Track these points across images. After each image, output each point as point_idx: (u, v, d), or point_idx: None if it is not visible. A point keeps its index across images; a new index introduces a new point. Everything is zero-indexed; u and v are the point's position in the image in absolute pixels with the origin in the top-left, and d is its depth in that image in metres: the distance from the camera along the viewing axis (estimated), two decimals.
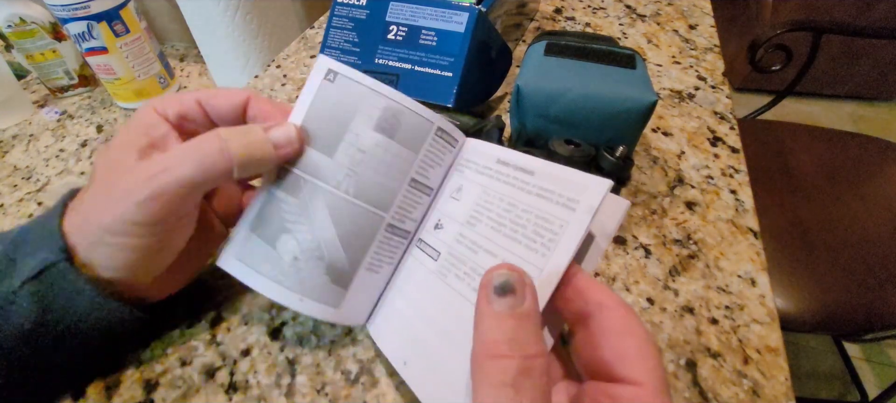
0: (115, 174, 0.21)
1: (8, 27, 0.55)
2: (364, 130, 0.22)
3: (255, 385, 0.25)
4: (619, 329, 0.17)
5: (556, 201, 0.20)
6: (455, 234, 0.23)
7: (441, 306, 0.22)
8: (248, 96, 0.24)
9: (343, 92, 0.23)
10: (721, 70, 0.48)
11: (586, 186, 0.19)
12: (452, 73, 0.38)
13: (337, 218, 0.23)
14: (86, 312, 0.21)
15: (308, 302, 0.23)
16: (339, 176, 0.22)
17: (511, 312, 0.17)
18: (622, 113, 0.31)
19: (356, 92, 0.23)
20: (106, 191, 0.21)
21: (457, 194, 0.24)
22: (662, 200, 0.35)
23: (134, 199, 0.20)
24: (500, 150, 0.23)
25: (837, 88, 1.69)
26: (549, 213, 0.20)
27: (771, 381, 0.25)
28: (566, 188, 0.20)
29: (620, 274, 0.30)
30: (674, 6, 0.60)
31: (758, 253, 0.31)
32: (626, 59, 0.33)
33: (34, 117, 0.59)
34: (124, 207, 0.20)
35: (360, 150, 0.22)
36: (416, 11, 0.40)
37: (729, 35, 1.70)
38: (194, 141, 0.21)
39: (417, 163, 0.24)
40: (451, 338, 0.21)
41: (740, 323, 0.27)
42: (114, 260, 0.21)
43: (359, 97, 0.23)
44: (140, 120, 0.22)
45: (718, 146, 0.39)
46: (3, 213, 0.45)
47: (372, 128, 0.23)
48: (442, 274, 0.22)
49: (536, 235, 0.19)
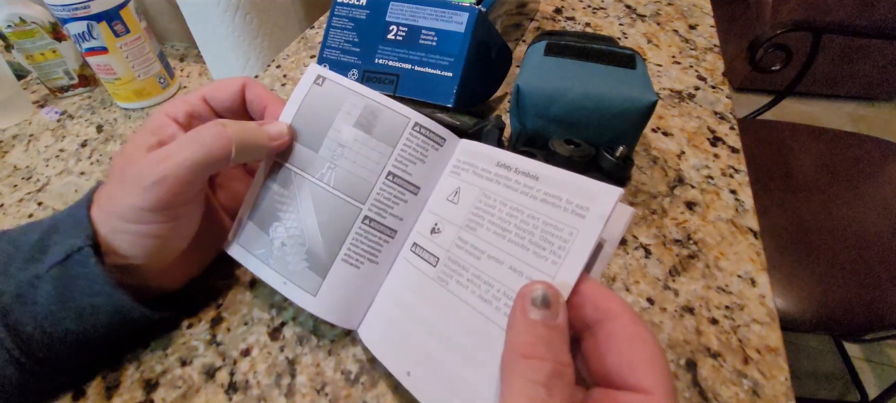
0: (127, 167, 0.22)
1: (8, 27, 0.55)
2: (344, 126, 0.25)
3: (255, 385, 0.25)
4: (628, 336, 0.17)
5: (564, 208, 0.19)
6: (454, 239, 0.22)
7: (444, 313, 0.21)
8: (244, 81, 0.26)
9: (329, 94, 0.25)
10: (721, 70, 0.48)
11: (596, 194, 0.19)
12: (452, 73, 0.38)
13: (318, 207, 0.25)
14: (100, 301, 0.22)
15: (290, 286, 0.25)
16: (322, 168, 0.25)
17: (546, 322, 0.17)
18: (622, 113, 0.31)
19: (340, 94, 0.25)
20: (119, 182, 0.23)
21: (454, 197, 0.24)
22: (662, 200, 0.35)
23: (142, 185, 0.21)
24: (500, 153, 0.23)
25: (837, 88, 1.69)
26: (557, 220, 0.19)
27: (771, 381, 0.25)
28: (575, 194, 0.19)
29: (620, 274, 0.30)
30: (674, 6, 0.60)
31: (758, 253, 0.31)
32: (626, 59, 0.33)
33: (34, 117, 0.59)
34: (133, 194, 0.21)
35: (340, 144, 0.25)
36: (416, 11, 0.40)
37: (729, 35, 1.70)
38: (195, 129, 0.23)
39: (394, 155, 0.24)
40: (458, 346, 0.20)
41: (740, 323, 0.27)
42: (132, 247, 0.23)
43: (342, 98, 0.25)
44: (151, 122, 0.24)
45: (718, 146, 0.39)
46: (3, 213, 0.45)
47: (351, 124, 0.25)
48: (442, 281, 0.22)
49: (545, 242, 0.19)
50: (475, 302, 0.20)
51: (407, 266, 0.24)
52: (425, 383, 0.21)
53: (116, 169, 0.23)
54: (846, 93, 1.71)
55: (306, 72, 0.26)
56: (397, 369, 0.22)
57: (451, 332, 0.21)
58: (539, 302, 0.17)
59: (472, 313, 0.20)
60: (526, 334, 0.17)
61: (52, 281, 0.22)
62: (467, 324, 0.20)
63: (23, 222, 0.47)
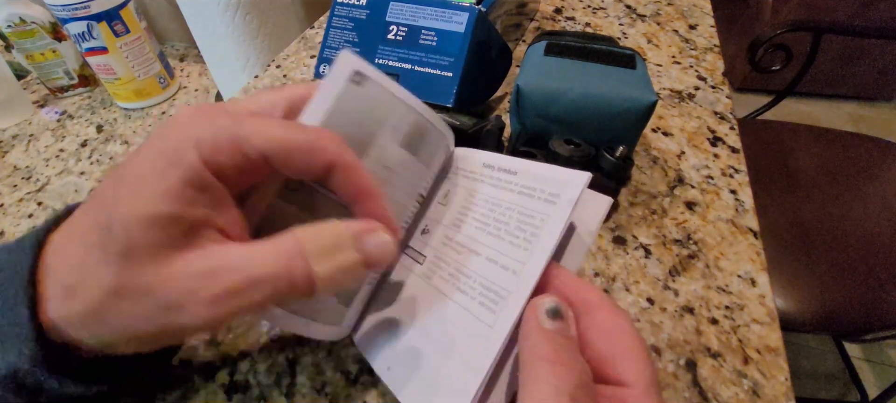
0: (137, 266, 0.15)
1: (8, 27, 0.55)
2: (391, 145, 0.21)
3: (255, 385, 0.25)
4: (607, 328, 0.17)
5: (538, 197, 0.20)
6: (441, 237, 0.23)
7: (425, 308, 0.22)
8: (333, 162, 0.17)
9: (371, 98, 0.20)
10: (721, 70, 0.48)
11: (567, 181, 0.19)
12: (452, 73, 0.38)
13: None
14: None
15: (314, 326, 0.21)
16: None
17: (562, 334, 0.16)
18: (622, 113, 0.31)
19: (386, 101, 0.20)
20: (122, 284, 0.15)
21: (444, 200, 0.24)
22: (662, 200, 0.35)
23: (183, 322, 0.15)
24: (487, 155, 0.24)
25: (837, 88, 1.69)
26: (531, 209, 0.20)
27: (771, 381, 0.25)
28: (547, 184, 0.20)
29: (620, 274, 0.30)
30: (674, 6, 0.60)
31: (758, 253, 0.31)
32: (626, 59, 0.33)
33: (34, 117, 0.59)
34: (165, 324, 0.15)
35: (385, 167, 0.21)
36: (416, 11, 0.40)
37: (729, 35, 1.70)
38: (268, 252, 0.16)
39: (427, 178, 0.23)
40: (435, 339, 0.20)
41: (740, 323, 0.27)
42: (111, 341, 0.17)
43: (389, 107, 0.20)
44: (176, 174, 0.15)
45: (718, 146, 0.39)
46: (3, 213, 0.45)
47: (398, 143, 0.21)
48: (427, 277, 0.22)
49: (519, 231, 0.20)
50: (454, 293, 0.21)
51: (399, 267, 0.24)
52: (403, 376, 0.21)
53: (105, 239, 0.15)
54: (846, 93, 1.71)
55: (338, 62, 0.19)
56: (379, 365, 0.22)
57: (429, 325, 0.21)
58: (552, 313, 0.17)
59: (450, 304, 0.20)
60: (545, 344, 0.16)
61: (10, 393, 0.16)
62: (445, 316, 0.20)
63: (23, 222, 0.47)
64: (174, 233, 0.15)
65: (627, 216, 0.34)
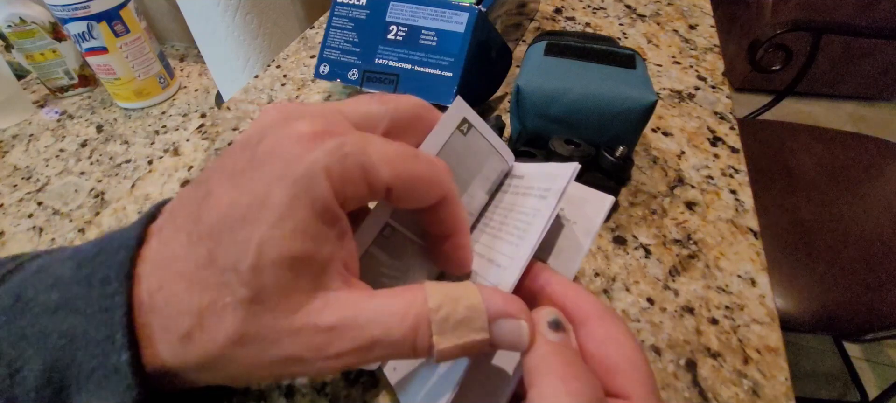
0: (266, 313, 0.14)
1: (8, 27, 0.55)
2: (479, 193, 0.22)
3: (254, 385, 0.25)
4: (603, 339, 0.16)
5: (534, 194, 0.20)
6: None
7: None
8: (446, 195, 0.17)
9: (470, 146, 0.21)
10: (721, 70, 0.48)
11: (556, 174, 0.19)
12: (452, 73, 0.38)
13: (424, 277, 0.21)
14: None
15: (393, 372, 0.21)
16: None
17: (567, 346, 0.16)
18: (622, 113, 0.31)
19: (483, 150, 0.21)
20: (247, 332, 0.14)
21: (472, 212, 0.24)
22: (662, 200, 0.35)
23: (297, 371, 0.15)
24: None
25: (837, 88, 1.69)
26: (526, 207, 0.20)
27: (771, 381, 0.25)
28: (543, 180, 0.20)
29: (620, 274, 0.30)
30: (674, 6, 0.60)
31: (758, 254, 0.31)
32: (626, 59, 0.33)
33: (34, 117, 0.59)
34: (280, 374, 0.15)
35: (469, 213, 0.21)
36: (416, 11, 0.40)
37: (729, 35, 1.70)
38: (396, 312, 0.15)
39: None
40: None
41: (740, 323, 0.27)
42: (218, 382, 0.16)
43: (484, 157, 0.21)
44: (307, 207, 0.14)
45: (718, 146, 0.39)
46: (3, 213, 0.45)
47: (485, 191, 0.22)
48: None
49: (515, 228, 0.20)
50: None
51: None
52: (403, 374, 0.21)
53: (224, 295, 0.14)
54: (846, 93, 1.71)
55: (452, 109, 0.20)
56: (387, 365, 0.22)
57: None
58: (554, 325, 0.16)
59: None
60: (554, 356, 0.15)
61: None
62: None
63: (23, 222, 0.47)
64: (306, 275, 0.14)
65: (627, 216, 0.34)
